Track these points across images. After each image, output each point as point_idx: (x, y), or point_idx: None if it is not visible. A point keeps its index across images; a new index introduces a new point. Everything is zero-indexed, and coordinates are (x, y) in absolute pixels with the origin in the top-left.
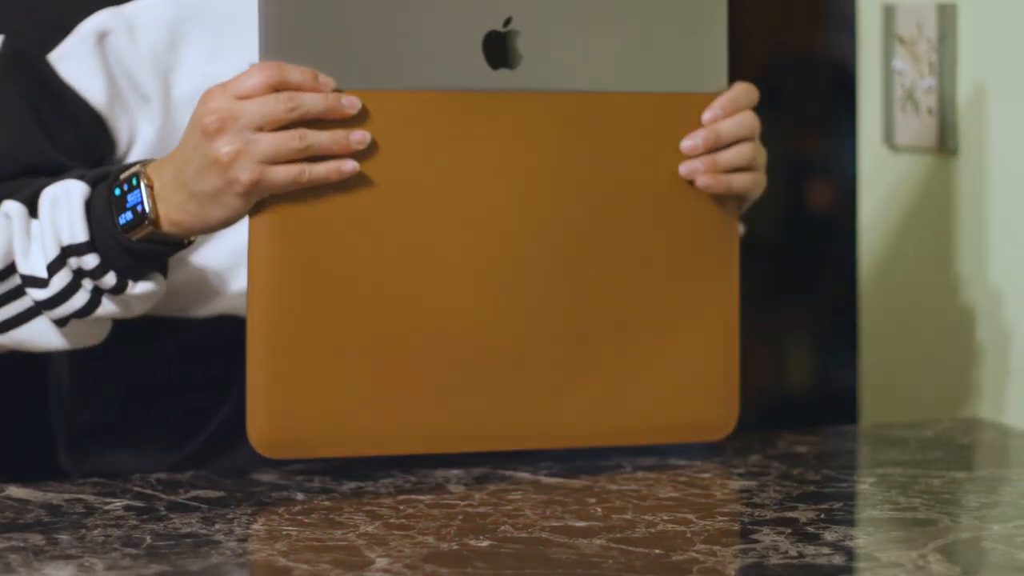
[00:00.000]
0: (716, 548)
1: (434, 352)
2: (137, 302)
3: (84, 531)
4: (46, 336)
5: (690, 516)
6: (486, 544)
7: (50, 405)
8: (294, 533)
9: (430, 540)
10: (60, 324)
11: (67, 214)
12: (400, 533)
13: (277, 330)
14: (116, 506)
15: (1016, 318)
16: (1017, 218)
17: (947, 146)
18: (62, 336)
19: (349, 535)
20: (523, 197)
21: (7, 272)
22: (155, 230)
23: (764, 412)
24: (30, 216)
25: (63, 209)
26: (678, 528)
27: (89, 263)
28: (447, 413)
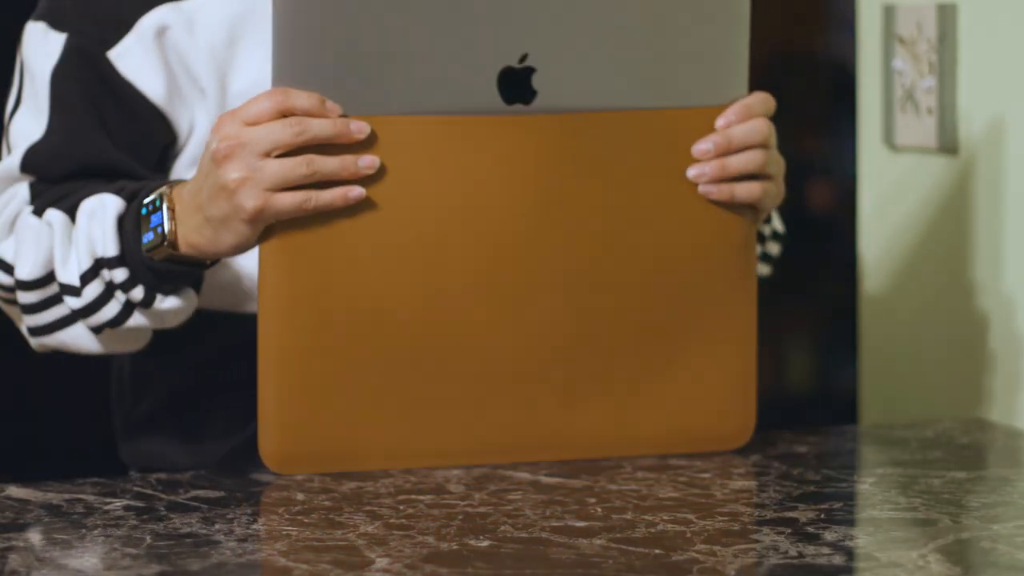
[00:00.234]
0: (716, 548)
1: (444, 369)
2: (168, 316)
3: (84, 531)
4: (85, 341)
5: (690, 516)
6: (486, 544)
7: (111, 403)
8: (294, 533)
9: (430, 540)
10: (96, 331)
11: (101, 227)
12: (400, 533)
13: (288, 349)
14: (116, 506)
15: (1017, 318)
16: (1017, 217)
17: (947, 146)
18: (99, 342)
19: (349, 535)
20: (535, 215)
21: (49, 279)
22: (174, 252)
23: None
24: (71, 225)
25: (98, 222)
26: (678, 528)
27: (119, 276)
28: (458, 428)
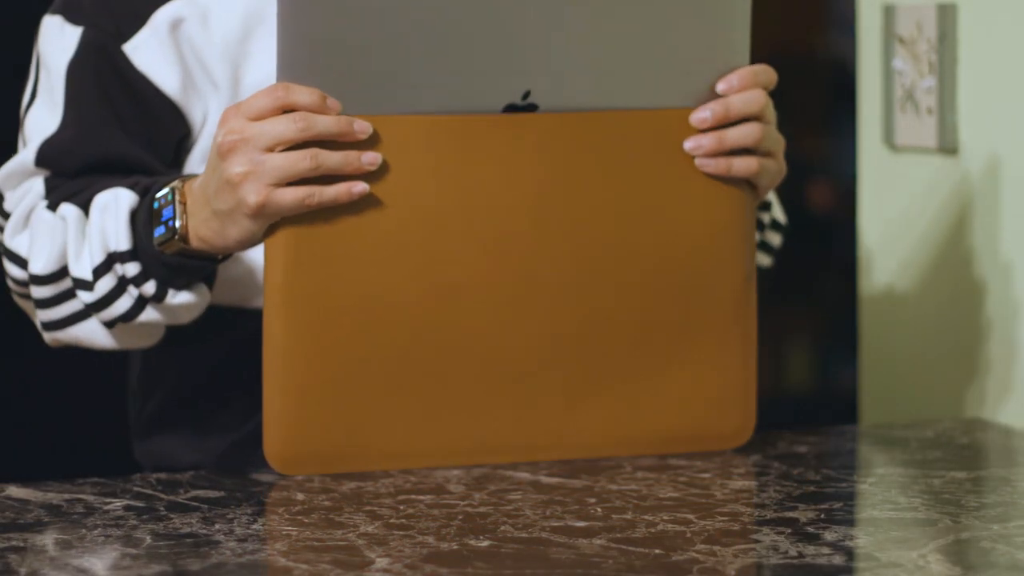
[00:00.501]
0: (716, 548)
1: (448, 368)
2: (181, 311)
3: (84, 531)
4: (98, 336)
5: (690, 516)
6: (486, 544)
7: (127, 402)
8: (294, 533)
9: (430, 540)
10: (108, 326)
11: (114, 221)
12: (400, 533)
13: (292, 349)
14: (116, 506)
15: (1017, 318)
16: (1017, 218)
17: (947, 146)
18: (112, 337)
19: (349, 535)
20: (536, 215)
21: (63, 273)
22: (185, 245)
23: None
24: (85, 220)
25: (111, 215)
26: (678, 528)
27: (131, 271)
28: (462, 428)
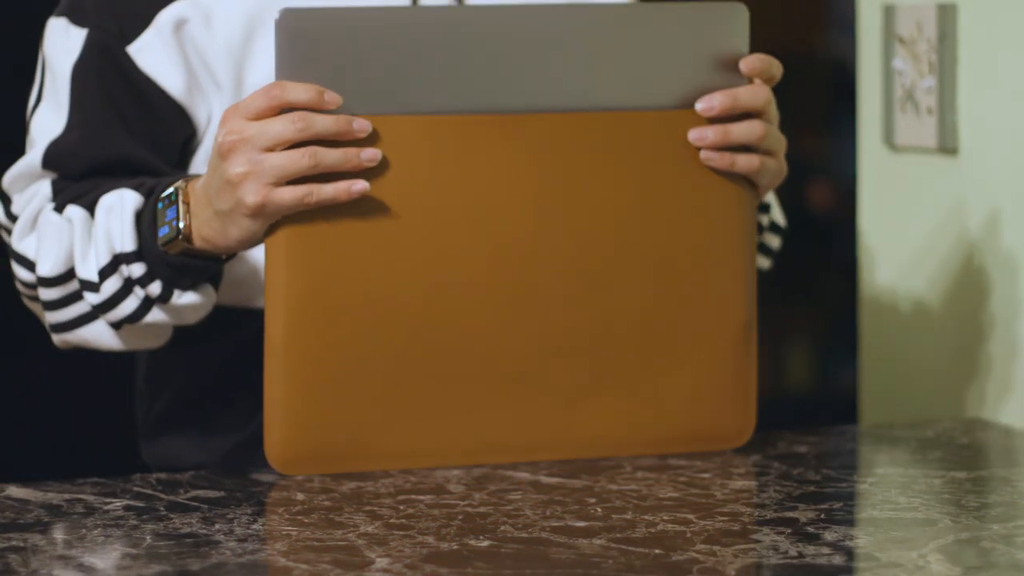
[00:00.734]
0: (716, 548)
1: (449, 368)
2: (187, 312)
3: (84, 531)
4: (106, 338)
5: (690, 516)
6: (486, 544)
7: (133, 403)
8: (294, 533)
9: (430, 540)
10: (115, 327)
11: (119, 222)
12: (400, 533)
13: (293, 349)
14: (116, 506)
15: (1017, 318)
16: (1017, 218)
17: (947, 146)
18: (119, 339)
19: (349, 535)
20: (536, 215)
21: (69, 275)
22: (189, 245)
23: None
24: (91, 221)
25: (116, 217)
26: (678, 528)
27: (137, 271)
28: (463, 427)
